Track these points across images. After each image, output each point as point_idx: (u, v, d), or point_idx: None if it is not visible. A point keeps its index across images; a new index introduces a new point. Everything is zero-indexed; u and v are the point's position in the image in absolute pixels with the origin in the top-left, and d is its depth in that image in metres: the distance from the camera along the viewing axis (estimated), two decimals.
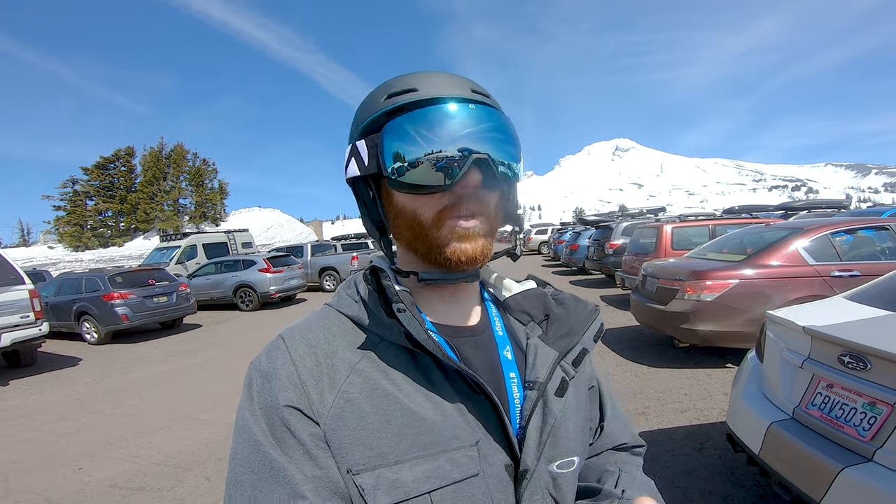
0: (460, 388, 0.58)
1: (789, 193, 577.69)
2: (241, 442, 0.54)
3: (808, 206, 11.07)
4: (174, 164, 41.41)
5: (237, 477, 0.53)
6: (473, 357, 0.63)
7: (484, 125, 0.58)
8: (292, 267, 13.66)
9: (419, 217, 0.59)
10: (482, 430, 0.57)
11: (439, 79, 0.60)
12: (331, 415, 0.53)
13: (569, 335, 0.67)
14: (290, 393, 0.54)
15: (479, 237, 0.59)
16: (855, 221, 5.04)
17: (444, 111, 0.56)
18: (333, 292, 0.69)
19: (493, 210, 0.62)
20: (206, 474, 3.50)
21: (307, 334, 0.60)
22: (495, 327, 0.69)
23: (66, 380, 6.83)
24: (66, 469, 3.78)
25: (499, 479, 0.56)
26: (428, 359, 0.58)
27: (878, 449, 1.70)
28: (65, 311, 9.66)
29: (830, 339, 2.03)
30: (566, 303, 0.73)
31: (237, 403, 0.58)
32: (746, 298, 4.71)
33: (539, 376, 0.62)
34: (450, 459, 0.53)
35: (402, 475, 0.51)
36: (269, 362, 0.57)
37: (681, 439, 3.46)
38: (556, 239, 21.90)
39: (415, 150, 0.56)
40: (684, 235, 8.77)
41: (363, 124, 0.61)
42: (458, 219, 0.58)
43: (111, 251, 32.35)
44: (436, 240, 0.59)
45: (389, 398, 0.55)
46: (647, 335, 6.61)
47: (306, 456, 0.51)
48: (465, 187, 0.57)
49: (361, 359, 0.58)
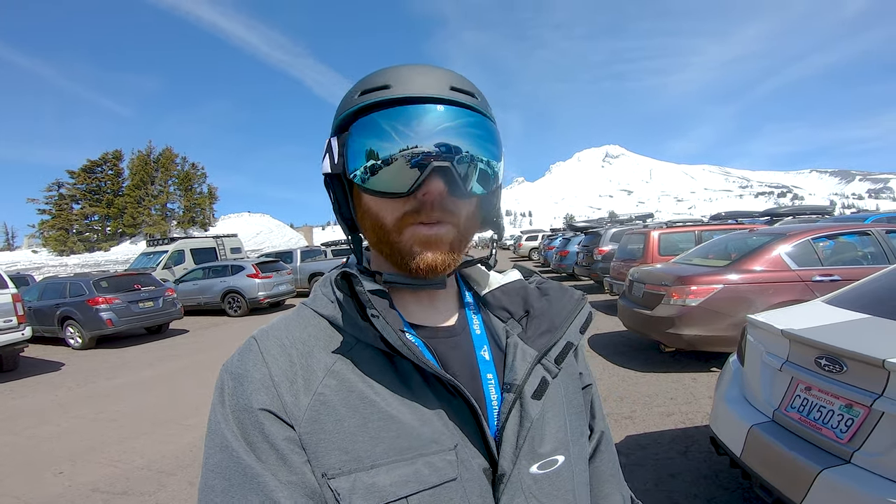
0: (438, 392, 0.57)
1: (775, 199, 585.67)
2: (212, 447, 0.53)
3: (792, 213, 11.25)
4: (162, 168, 40.97)
5: (208, 482, 0.51)
6: (451, 358, 0.61)
7: (453, 126, 0.55)
8: (281, 272, 13.59)
9: (382, 220, 0.58)
10: (460, 433, 0.56)
11: (415, 75, 0.56)
12: (306, 417, 0.52)
13: (550, 331, 0.64)
14: (262, 396, 0.52)
15: (443, 245, 0.57)
16: (836, 227, 5.14)
17: (414, 112, 0.54)
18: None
19: (463, 217, 0.59)
20: (190, 479, 3.46)
21: (281, 335, 0.58)
22: (473, 326, 0.66)
23: (49, 384, 6.72)
24: (47, 473, 3.72)
25: (477, 482, 0.55)
26: (406, 362, 0.57)
27: (855, 451, 1.73)
28: (48, 316, 9.53)
29: (808, 342, 2.07)
30: (550, 293, 0.70)
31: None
32: (730, 303, 4.77)
33: (517, 378, 0.59)
34: (427, 463, 0.52)
35: (379, 479, 0.50)
36: (240, 364, 0.55)
37: (666, 443, 3.49)
38: (546, 245, 22.01)
39: (379, 151, 0.54)
40: (671, 241, 8.86)
41: (337, 120, 0.60)
42: (419, 225, 0.56)
43: (97, 255, 31.89)
44: (397, 245, 0.58)
45: (366, 401, 0.53)
46: (635, 340, 6.65)
47: (280, 461, 0.50)
48: (427, 195, 0.54)
49: (337, 361, 0.56)
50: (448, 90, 0.56)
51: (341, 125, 0.59)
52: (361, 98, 0.57)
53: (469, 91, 0.58)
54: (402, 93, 0.55)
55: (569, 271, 15.28)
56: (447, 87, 0.56)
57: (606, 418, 0.78)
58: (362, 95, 0.57)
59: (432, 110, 0.54)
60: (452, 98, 0.56)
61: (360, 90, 0.57)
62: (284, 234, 44.23)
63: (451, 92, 0.56)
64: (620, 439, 3.56)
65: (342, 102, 0.60)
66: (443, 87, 0.56)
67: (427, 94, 0.55)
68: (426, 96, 0.55)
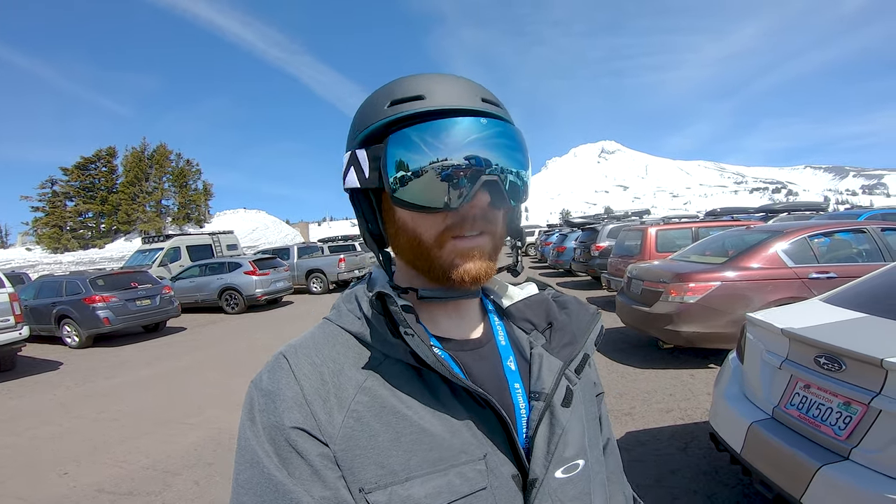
0: (466, 402, 0.57)
1: (770, 195, 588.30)
2: (242, 463, 0.52)
3: (787, 209, 11.33)
4: (157, 165, 40.70)
5: (239, 499, 0.51)
6: (478, 370, 0.62)
7: (498, 141, 0.55)
8: (278, 269, 13.57)
9: (421, 236, 0.57)
10: (489, 442, 0.57)
11: (448, 85, 0.55)
12: (341, 435, 0.52)
13: (572, 343, 0.66)
14: (295, 414, 0.52)
15: (483, 256, 0.58)
16: (833, 225, 5.19)
17: (454, 124, 0.53)
18: (320, 295, 0.66)
19: (499, 228, 0.60)
20: (195, 478, 3.48)
21: (311, 353, 0.58)
22: (498, 338, 0.68)
23: (48, 384, 6.71)
24: (52, 474, 3.73)
25: (506, 489, 0.56)
26: (434, 375, 0.57)
27: (853, 448, 1.77)
28: (45, 315, 9.49)
29: (807, 340, 2.11)
30: (569, 307, 0.72)
31: (225, 411, 0.56)
32: (728, 300, 4.81)
33: (545, 387, 0.61)
34: (459, 474, 0.53)
35: (414, 491, 0.51)
36: (271, 382, 0.55)
37: (666, 439, 3.54)
38: (542, 241, 22.03)
39: (420, 165, 0.53)
40: (668, 238, 8.91)
41: (364, 132, 0.58)
42: (462, 239, 0.56)
43: (91, 253, 31.68)
44: (438, 259, 0.57)
45: (398, 416, 0.54)
46: (633, 337, 6.70)
47: (314, 476, 0.50)
48: (472, 208, 0.55)
49: (368, 377, 0.56)
50: (480, 101, 0.56)
51: (370, 137, 0.57)
52: (393, 109, 0.55)
53: (496, 102, 0.58)
54: (439, 104, 0.54)
55: (566, 267, 15.32)
56: (479, 99, 0.56)
57: (610, 421, 0.82)
58: (393, 106, 0.55)
59: (474, 123, 0.54)
60: (486, 110, 0.56)
61: (389, 100, 0.55)
62: (280, 230, 44.07)
63: (483, 104, 0.56)
64: (620, 435, 3.61)
65: (366, 112, 0.58)
66: (475, 98, 0.56)
67: (465, 105, 0.54)
68: (464, 108, 0.54)
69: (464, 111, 0.54)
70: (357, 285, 0.67)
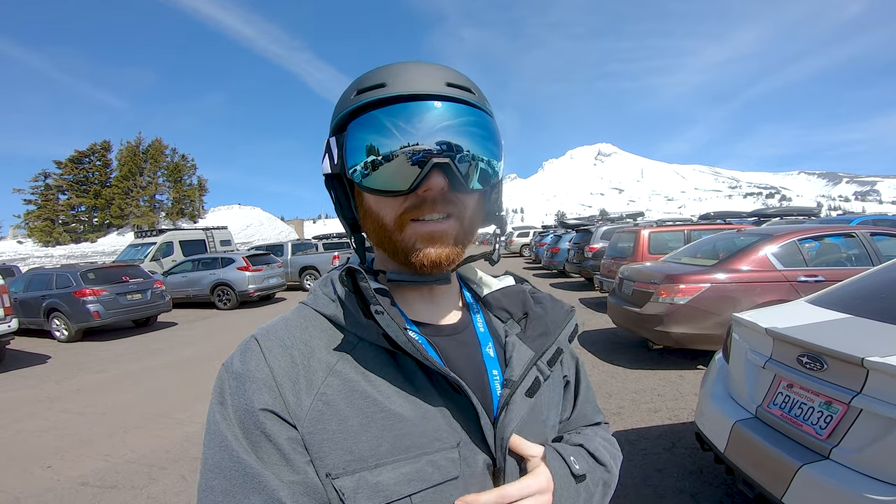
0: (442, 389, 0.57)
1: (764, 200, 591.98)
2: (212, 447, 0.52)
3: (779, 213, 11.42)
4: (152, 160, 40.53)
5: (208, 483, 0.51)
6: (456, 356, 0.62)
7: (453, 123, 0.54)
8: (272, 266, 13.52)
9: (383, 219, 0.58)
10: (463, 430, 0.56)
11: (410, 72, 0.56)
12: (309, 418, 0.51)
13: (545, 335, 0.67)
14: (265, 396, 0.51)
15: (446, 240, 0.58)
16: (822, 229, 5.23)
17: (406, 109, 0.53)
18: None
19: (468, 211, 0.60)
20: (182, 472, 3.46)
21: (282, 335, 0.57)
22: (477, 325, 0.68)
23: (35, 378, 6.65)
24: (36, 467, 3.70)
25: (479, 478, 0.56)
26: (410, 360, 0.57)
27: (834, 447, 1.78)
28: (34, 308, 9.41)
29: (790, 340, 2.12)
30: (543, 302, 0.73)
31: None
32: (717, 302, 4.84)
33: (514, 375, 0.61)
34: (431, 462, 0.53)
35: (383, 478, 0.50)
36: (242, 364, 0.54)
37: (653, 438, 3.55)
38: (537, 242, 22.09)
39: (377, 150, 0.54)
40: (661, 240, 8.96)
41: (334, 120, 0.60)
42: (421, 222, 0.56)
43: (83, 247, 31.49)
44: (399, 242, 0.58)
45: (369, 400, 0.53)
46: (623, 337, 6.73)
47: (283, 461, 0.50)
48: (428, 191, 0.55)
49: (339, 360, 0.56)
50: (444, 86, 0.56)
51: (339, 125, 0.59)
52: (358, 97, 0.56)
53: (465, 86, 0.58)
54: (397, 90, 0.54)
55: (559, 268, 15.37)
56: (443, 83, 0.56)
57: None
58: (358, 95, 0.56)
59: (430, 107, 0.54)
60: (449, 94, 0.55)
61: (357, 89, 0.57)
62: (275, 226, 43.94)
63: (448, 88, 0.56)
64: None
65: (339, 102, 0.60)
66: (438, 83, 0.55)
67: (423, 90, 0.54)
68: (422, 93, 0.54)
69: (422, 96, 0.54)
70: (334, 270, 0.67)
